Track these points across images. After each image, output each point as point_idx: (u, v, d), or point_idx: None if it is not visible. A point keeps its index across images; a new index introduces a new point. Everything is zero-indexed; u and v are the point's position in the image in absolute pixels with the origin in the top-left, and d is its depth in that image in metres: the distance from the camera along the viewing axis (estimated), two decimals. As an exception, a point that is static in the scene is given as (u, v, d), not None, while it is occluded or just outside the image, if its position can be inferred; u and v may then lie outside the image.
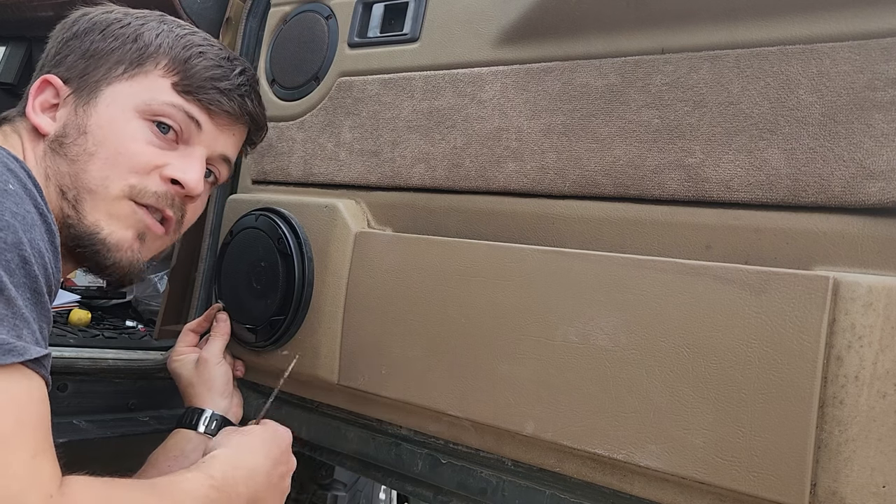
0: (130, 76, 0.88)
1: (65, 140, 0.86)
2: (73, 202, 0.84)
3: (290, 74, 1.23)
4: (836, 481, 0.67)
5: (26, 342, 0.64)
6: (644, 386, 0.78)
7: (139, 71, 0.89)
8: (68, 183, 0.85)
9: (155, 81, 0.89)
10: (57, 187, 0.85)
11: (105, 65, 0.89)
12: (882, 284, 0.67)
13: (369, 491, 2.31)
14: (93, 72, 0.89)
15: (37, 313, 0.67)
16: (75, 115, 0.87)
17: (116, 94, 0.88)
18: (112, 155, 0.86)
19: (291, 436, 0.97)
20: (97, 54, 0.89)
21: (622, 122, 0.86)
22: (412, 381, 0.97)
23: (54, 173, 0.85)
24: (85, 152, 0.85)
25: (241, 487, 0.82)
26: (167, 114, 0.89)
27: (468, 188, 0.99)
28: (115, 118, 0.87)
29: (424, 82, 1.05)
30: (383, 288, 1.01)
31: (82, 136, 0.86)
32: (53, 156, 0.86)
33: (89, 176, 0.85)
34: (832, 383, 0.68)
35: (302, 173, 1.18)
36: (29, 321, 0.65)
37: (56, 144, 0.86)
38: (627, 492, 0.81)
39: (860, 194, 0.71)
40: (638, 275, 0.79)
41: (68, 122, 0.87)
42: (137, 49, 0.89)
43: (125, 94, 0.88)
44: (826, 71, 0.74)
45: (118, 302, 1.76)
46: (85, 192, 0.85)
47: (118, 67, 0.89)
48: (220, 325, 1.14)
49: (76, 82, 0.89)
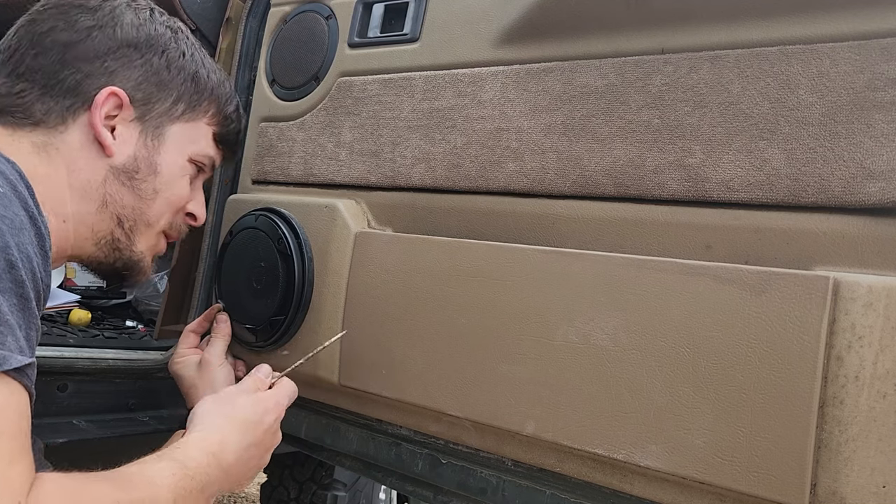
0: (188, 119, 0.94)
1: (136, 175, 0.89)
2: (129, 231, 0.90)
3: (290, 74, 1.23)
4: (837, 481, 0.67)
5: (9, 350, 0.62)
6: (644, 386, 0.78)
7: (194, 115, 0.95)
8: (129, 214, 0.89)
9: (202, 129, 0.97)
10: (115, 215, 0.88)
11: (168, 98, 0.92)
12: (882, 284, 0.67)
13: (369, 491, 2.31)
14: (157, 102, 0.90)
15: (23, 320, 0.65)
16: (145, 148, 0.89)
17: (178, 136, 0.93)
18: (171, 198, 0.93)
19: (291, 400, 0.96)
20: (161, 84, 0.91)
21: (622, 122, 0.86)
22: (412, 381, 0.97)
23: (116, 203, 0.88)
24: (153, 191, 0.91)
25: (214, 472, 0.81)
26: (204, 162, 0.98)
27: (468, 188, 0.99)
28: (177, 162, 0.93)
29: (424, 82, 1.05)
30: (383, 288, 1.01)
31: (153, 176, 0.90)
32: (119, 185, 0.88)
33: (151, 213, 0.91)
34: (832, 383, 0.68)
35: (302, 173, 1.18)
36: (13, 328, 0.64)
37: (125, 177, 0.88)
38: (628, 492, 0.81)
39: (860, 194, 0.71)
40: (638, 275, 0.79)
41: (139, 155, 0.89)
42: (196, 90, 0.95)
43: (185, 138, 0.94)
44: (826, 71, 0.74)
45: (118, 302, 1.76)
46: (143, 225, 0.91)
47: (179, 105, 0.93)
48: (221, 325, 1.14)
49: (140, 108, 0.89)
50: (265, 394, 0.94)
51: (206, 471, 0.80)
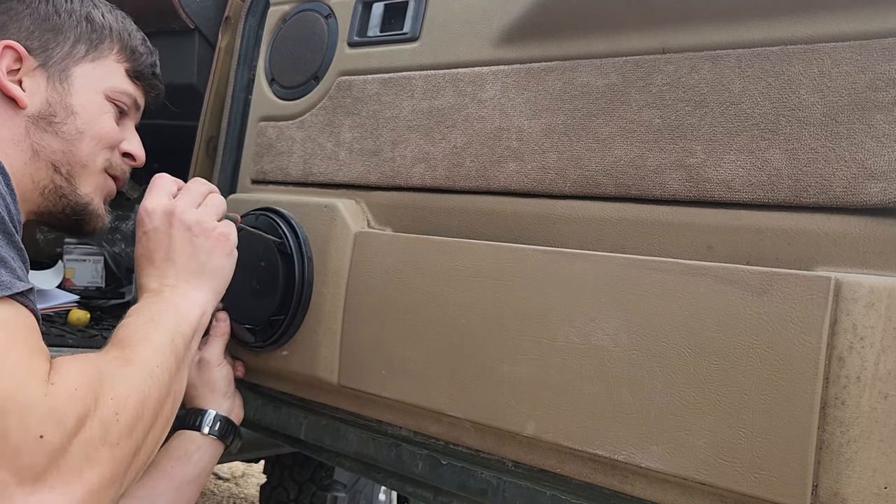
0: (93, 59, 0.98)
1: (54, 119, 0.92)
2: (67, 176, 0.94)
3: (289, 74, 1.22)
4: (838, 482, 0.67)
5: (9, 278, 0.67)
6: (645, 387, 0.78)
7: (98, 55, 0.98)
8: (62, 159, 0.93)
9: (112, 66, 1.00)
10: (49, 163, 0.92)
11: (66, 41, 0.95)
12: (884, 285, 0.67)
13: (369, 492, 2.31)
14: (55, 47, 0.94)
15: (13, 252, 0.70)
16: (56, 92, 0.92)
17: (87, 76, 0.97)
18: (97, 134, 0.97)
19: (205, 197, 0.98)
20: (55, 29, 0.94)
21: (623, 121, 0.86)
22: (412, 381, 0.97)
23: (45, 149, 0.92)
24: (77, 131, 0.94)
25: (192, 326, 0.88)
26: (124, 100, 1.01)
27: (468, 188, 0.99)
28: (93, 101, 0.97)
29: (424, 82, 1.05)
30: (383, 288, 1.01)
31: (72, 117, 0.94)
32: (41, 133, 0.91)
33: (82, 153, 0.95)
34: (834, 384, 0.67)
35: (301, 173, 1.18)
36: (6, 260, 0.68)
37: (45, 123, 0.91)
38: (628, 493, 0.81)
39: (862, 195, 0.71)
40: (639, 275, 0.79)
41: (51, 100, 0.92)
42: (93, 30, 0.98)
43: (94, 77, 0.97)
44: (828, 71, 0.74)
45: (117, 302, 1.76)
46: (78, 167, 0.95)
47: (79, 47, 0.96)
48: (220, 325, 1.14)
49: (40, 55, 0.93)
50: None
51: (189, 332, 0.87)
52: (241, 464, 3.65)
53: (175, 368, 0.81)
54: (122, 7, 1.10)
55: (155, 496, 0.96)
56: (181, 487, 0.99)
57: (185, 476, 1.00)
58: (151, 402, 0.74)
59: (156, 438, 0.77)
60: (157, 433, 0.77)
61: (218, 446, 1.07)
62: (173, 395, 0.81)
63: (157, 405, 0.76)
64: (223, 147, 1.30)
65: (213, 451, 1.06)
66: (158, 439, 0.78)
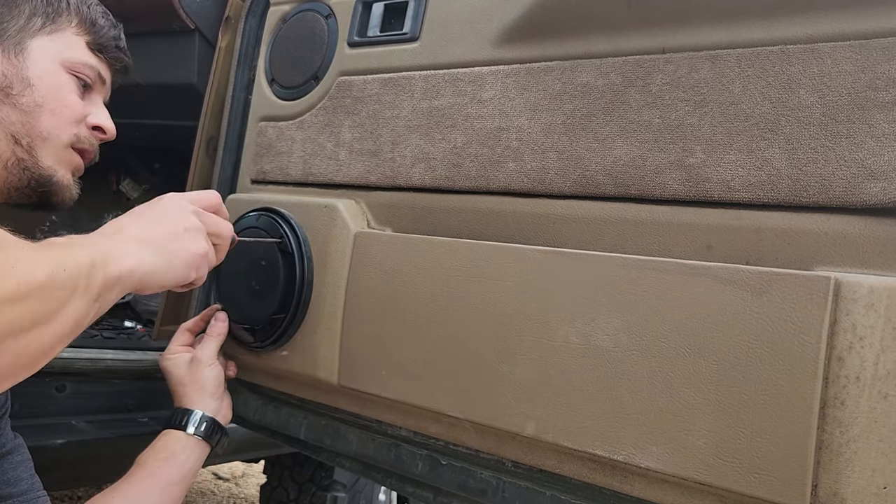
0: (50, 31, 0.96)
1: (11, 91, 0.92)
2: (28, 148, 0.93)
3: (289, 74, 1.22)
4: (838, 482, 0.67)
5: None
6: (645, 387, 0.78)
7: (56, 27, 0.97)
8: (21, 130, 0.92)
9: (71, 39, 0.99)
10: (9, 134, 0.91)
11: (20, 15, 0.94)
12: (883, 285, 0.67)
13: (369, 492, 2.31)
14: (10, 21, 0.93)
15: None
16: (11, 65, 0.92)
17: (43, 48, 0.95)
18: (58, 107, 0.95)
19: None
20: (9, 3, 0.94)
21: (623, 121, 0.86)
22: (412, 381, 0.97)
23: (3, 121, 0.91)
24: (35, 103, 0.93)
25: (105, 242, 0.79)
26: (86, 73, 1.00)
27: (468, 188, 0.99)
28: (51, 72, 0.95)
29: (424, 82, 1.05)
30: (383, 288, 1.01)
31: (29, 89, 0.93)
32: (0, 105, 0.91)
33: (42, 125, 0.93)
34: (833, 384, 0.67)
35: (301, 173, 1.18)
36: None
37: (2, 95, 0.91)
38: (628, 493, 0.81)
39: (862, 194, 0.70)
40: (639, 275, 0.79)
41: (7, 72, 0.92)
42: (49, 4, 0.97)
43: (51, 49, 0.96)
44: (827, 71, 0.74)
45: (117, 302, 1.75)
46: (39, 140, 0.94)
47: (34, 20, 0.95)
48: (218, 325, 1.13)
49: None
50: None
51: (94, 241, 0.77)
52: (241, 464, 3.65)
53: (66, 294, 0.69)
54: (122, 7, 1.10)
55: (140, 496, 0.96)
56: (166, 488, 0.99)
57: (171, 477, 1.00)
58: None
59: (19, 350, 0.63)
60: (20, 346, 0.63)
61: (204, 447, 1.06)
62: (59, 321, 0.68)
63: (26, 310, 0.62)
64: (223, 147, 1.30)
65: (199, 451, 1.06)
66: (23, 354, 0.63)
